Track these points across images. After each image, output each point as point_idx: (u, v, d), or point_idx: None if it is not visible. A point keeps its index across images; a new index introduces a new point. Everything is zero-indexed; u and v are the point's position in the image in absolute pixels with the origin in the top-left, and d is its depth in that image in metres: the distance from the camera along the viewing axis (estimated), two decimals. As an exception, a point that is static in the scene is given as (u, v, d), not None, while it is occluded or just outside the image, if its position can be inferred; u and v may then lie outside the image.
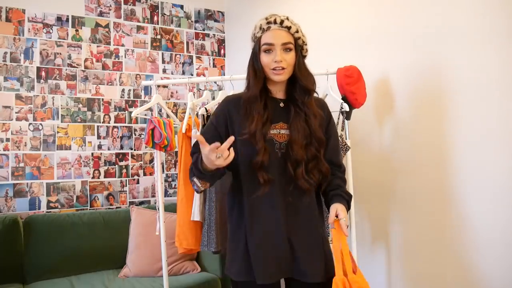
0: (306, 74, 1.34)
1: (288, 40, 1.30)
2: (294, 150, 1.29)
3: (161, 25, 3.16)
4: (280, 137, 1.32)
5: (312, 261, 1.30)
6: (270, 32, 1.30)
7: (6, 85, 2.64)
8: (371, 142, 2.04)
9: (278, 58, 1.28)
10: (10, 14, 2.67)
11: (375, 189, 2.02)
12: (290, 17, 1.34)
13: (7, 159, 2.61)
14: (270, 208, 1.30)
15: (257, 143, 1.28)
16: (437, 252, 1.72)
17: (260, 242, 1.30)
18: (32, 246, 2.38)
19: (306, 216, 1.34)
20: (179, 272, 2.48)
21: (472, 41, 1.57)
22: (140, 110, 2.12)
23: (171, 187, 3.13)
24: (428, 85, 1.74)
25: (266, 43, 1.30)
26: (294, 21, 1.34)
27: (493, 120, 1.51)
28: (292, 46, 1.31)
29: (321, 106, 1.40)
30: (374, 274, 2.03)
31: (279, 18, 1.31)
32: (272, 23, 1.31)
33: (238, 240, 1.35)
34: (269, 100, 1.35)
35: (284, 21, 1.31)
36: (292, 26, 1.31)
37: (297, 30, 1.33)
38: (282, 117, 1.34)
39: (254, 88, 1.32)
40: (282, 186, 1.31)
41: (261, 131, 1.28)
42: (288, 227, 1.31)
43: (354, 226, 1.86)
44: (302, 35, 1.34)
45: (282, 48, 1.29)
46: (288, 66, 1.30)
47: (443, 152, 1.69)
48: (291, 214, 1.31)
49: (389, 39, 1.92)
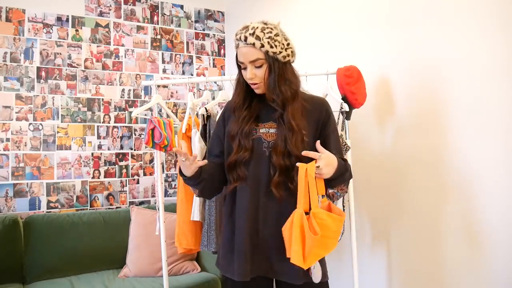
0: (282, 85, 1.31)
1: (256, 57, 1.28)
2: (273, 158, 1.30)
3: (161, 25, 3.16)
4: (268, 136, 1.34)
5: (286, 261, 1.27)
6: (239, 50, 1.32)
7: (6, 85, 2.64)
8: (371, 142, 2.04)
9: (248, 75, 1.31)
10: (10, 14, 2.67)
11: (375, 189, 2.02)
12: (259, 28, 1.27)
13: (7, 159, 2.61)
14: (244, 204, 1.33)
15: (233, 142, 1.36)
16: (437, 252, 1.72)
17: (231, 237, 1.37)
18: (32, 246, 2.38)
19: (280, 217, 1.30)
20: (179, 272, 2.48)
21: (473, 40, 1.57)
22: (140, 110, 2.12)
23: (171, 187, 3.13)
24: (428, 84, 1.74)
25: (238, 61, 1.34)
26: (264, 31, 1.27)
27: (494, 120, 1.51)
28: (262, 61, 1.28)
29: (318, 104, 1.39)
30: (374, 274, 2.03)
31: (243, 35, 1.28)
32: (239, 40, 1.31)
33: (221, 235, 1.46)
34: (261, 101, 1.39)
35: (248, 38, 1.26)
36: (256, 42, 1.26)
37: (262, 45, 1.26)
38: (271, 117, 1.36)
39: (236, 97, 1.40)
40: (265, 183, 1.32)
41: (241, 131, 1.34)
42: (259, 225, 1.33)
43: (354, 226, 1.86)
44: (272, 46, 1.27)
45: (252, 65, 1.30)
46: (260, 81, 1.32)
47: (443, 152, 1.69)
48: (266, 212, 1.33)
49: (389, 39, 1.91)
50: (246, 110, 1.37)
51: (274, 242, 1.31)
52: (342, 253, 2.18)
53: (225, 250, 1.39)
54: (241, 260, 1.31)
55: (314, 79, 1.95)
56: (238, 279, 1.32)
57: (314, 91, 1.53)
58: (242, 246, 1.32)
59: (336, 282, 2.16)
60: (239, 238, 1.34)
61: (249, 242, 1.32)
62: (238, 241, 1.34)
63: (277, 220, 1.30)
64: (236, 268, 1.32)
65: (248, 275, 1.32)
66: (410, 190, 1.84)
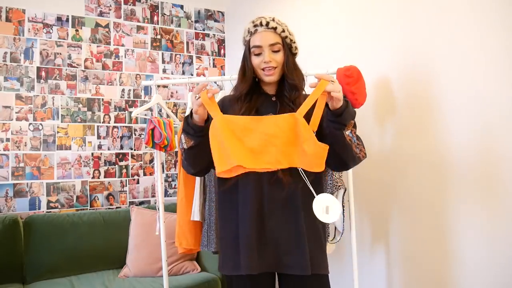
0: (294, 72, 1.38)
1: (275, 41, 1.33)
2: None
3: (161, 25, 3.16)
4: None
5: (294, 253, 1.29)
6: (257, 34, 1.34)
7: (6, 85, 2.64)
8: (371, 142, 2.04)
9: (267, 58, 1.32)
10: (10, 14, 2.67)
11: (375, 189, 2.02)
12: (276, 18, 1.36)
13: (7, 159, 2.61)
14: (248, 195, 1.31)
15: None
16: (437, 252, 1.72)
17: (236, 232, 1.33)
18: (32, 246, 2.38)
19: (287, 208, 1.31)
20: (179, 272, 2.48)
21: (474, 40, 1.57)
22: (140, 110, 2.12)
23: (171, 187, 3.13)
24: (429, 84, 1.74)
25: (255, 45, 1.34)
26: (280, 21, 1.36)
27: (494, 120, 1.51)
28: (280, 46, 1.34)
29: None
30: (374, 274, 2.03)
31: (265, 20, 1.34)
32: (258, 26, 1.34)
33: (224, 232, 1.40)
34: (260, 95, 1.40)
35: (270, 23, 1.33)
36: (278, 26, 1.34)
37: (283, 30, 1.35)
38: (272, 110, 1.37)
39: (241, 88, 1.39)
40: (266, 175, 1.29)
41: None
42: (265, 216, 1.31)
43: (354, 226, 1.86)
44: (289, 34, 1.37)
45: (270, 49, 1.33)
46: (278, 65, 1.34)
47: (444, 152, 1.69)
48: (272, 202, 1.31)
49: (390, 38, 1.92)
50: (247, 103, 1.37)
51: (282, 233, 1.30)
52: (342, 253, 2.18)
53: (228, 248, 1.36)
54: (247, 254, 1.29)
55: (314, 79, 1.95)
56: (246, 272, 1.28)
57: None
58: (248, 239, 1.29)
59: (336, 282, 2.16)
60: (244, 231, 1.31)
61: (255, 235, 1.29)
62: (243, 235, 1.30)
63: (283, 209, 1.31)
64: (242, 261, 1.29)
65: (256, 267, 1.29)
66: (410, 190, 1.84)
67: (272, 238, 1.31)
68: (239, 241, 1.31)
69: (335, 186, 1.82)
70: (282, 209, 1.31)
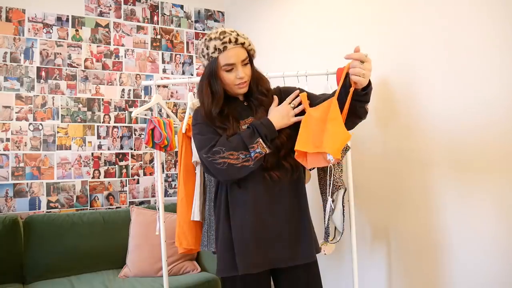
0: (261, 81, 1.46)
1: (245, 56, 1.38)
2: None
3: (161, 25, 3.16)
4: None
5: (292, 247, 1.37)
6: (228, 52, 1.35)
7: (6, 85, 2.64)
8: (371, 142, 2.04)
9: (241, 74, 1.36)
10: (10, 14, 2.67)
11: (375, 189, 2.02)
12: (237, 31, 1.39)
13: (7, 159, 2.61)
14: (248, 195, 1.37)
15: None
16: (437, 252, 1.72)
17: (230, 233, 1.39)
18: (32, 246, 2.38)
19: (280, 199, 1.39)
20: (179, 272, 2.48)
21: (474, 40, 1.57)
22: (140, 110, 2.12)
23: (171, 187, 3.13)
24: (429, 85, 1.74)
25: (227, 63, 1.35)
26: (243, 34, 1.40)
27: (494, 119, 1.51)
28: (247, 60, 1.39)
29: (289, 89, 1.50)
30: (374, 274, 2.03)
31: (233, 37, 1.35)
32: (227, 43, 1.34)
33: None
34: (231, 103, 1.45)
35: (238, 39, 1.36)
36: (245, 41, 1.38)
37: (249, 44, 1.40)
38: (248, 113, 1.45)
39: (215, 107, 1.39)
40: (260, 175, 1.37)
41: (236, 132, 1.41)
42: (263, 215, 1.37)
43: (354, 226, 1.86)
44: (251, 44, 1.42)
45: (241, 64, 1.37)
46: (248, 79, 1.41)
47: (444, 152, 1.69)
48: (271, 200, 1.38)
49: (389, 39, 1.92)
50: (226, 116, 1.41)
51: (278, 229, 1.37)
52: (342, 253, 2.18)
53: (224, 249, 1.39)
54: (245, 253, 1.33)
55: (314, 79, 1.95)
56: (243, 272, 1.32)
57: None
58: (246, 238, 1.35)
59: (336, 282, 2.16)
60: (240, 230, 1.36)
61: (253, 234, 1.35)
62: (239, 234, 1.36)
63: (277, 203, 1.38)
64: (239, 261, 1.33)
65: (254, 267, 1.34)
66: (410, 190, 1.84)
67: (269, 234, 1.37)
68: (234, 241, 1.36)
69: (335, 186, 1.82)
70: (276, 202, 1.39)
